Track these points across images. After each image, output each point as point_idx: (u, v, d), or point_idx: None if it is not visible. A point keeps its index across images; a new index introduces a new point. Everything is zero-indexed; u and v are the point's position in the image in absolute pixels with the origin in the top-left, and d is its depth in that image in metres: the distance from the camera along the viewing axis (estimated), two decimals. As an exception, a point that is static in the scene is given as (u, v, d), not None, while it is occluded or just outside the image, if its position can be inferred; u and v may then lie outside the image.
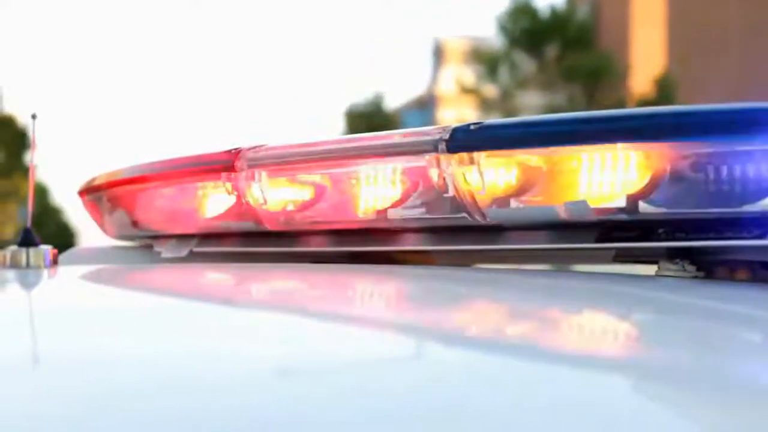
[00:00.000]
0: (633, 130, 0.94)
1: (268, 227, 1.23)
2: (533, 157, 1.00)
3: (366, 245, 1.20)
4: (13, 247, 1.10)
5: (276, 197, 1.20)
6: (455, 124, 1.04)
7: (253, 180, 1.20)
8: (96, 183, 1.50)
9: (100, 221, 1.55)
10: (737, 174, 0.91)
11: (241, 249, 1.34)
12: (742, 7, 26.03)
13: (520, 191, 1.01)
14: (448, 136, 1.02)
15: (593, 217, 0.98)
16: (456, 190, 1.03)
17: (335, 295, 0.97)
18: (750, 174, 0.90)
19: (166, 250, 1.41)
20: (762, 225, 0.92)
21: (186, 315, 0.83)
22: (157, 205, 1.38)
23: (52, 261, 1.12)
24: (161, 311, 0.86)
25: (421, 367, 0.62)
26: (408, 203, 1.09)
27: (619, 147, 0.95)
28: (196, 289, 1.06)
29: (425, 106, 43.92)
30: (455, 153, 1.01)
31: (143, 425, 0.48)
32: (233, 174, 1.21)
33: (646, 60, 27.67)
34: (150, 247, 1.49)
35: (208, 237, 1.38)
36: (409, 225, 1.13)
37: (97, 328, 0.74)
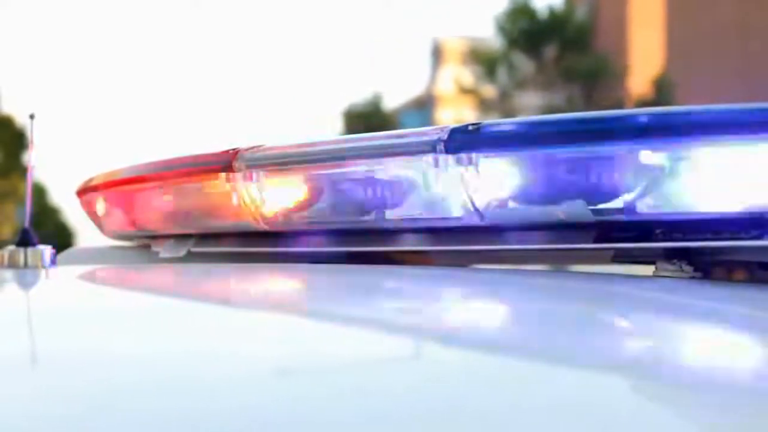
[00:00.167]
0: (632, 130, 0.94)
1: (265, 227, 1.23)
2: (531, 158, 1.00)
3: (364, 246, 1.20)
4: (11, 247, 1.10)
5: (274, 197, 1.20)
6: (453, 124, 1.04)
7: (251, 180, 1.19)
8: (94, 183, 1.50)
9: (97, 221, 1.55)
10: (735, 174, 0.91)
11: (239, 249, 1.34)
12: (740, 8, 26.04)
13: (518, 192, 1.01)
14: (446, 136, 1.02)
15: (591, 218, 0.98)
16: (453, 190, 1.03)
17: (333, 296, 0.97)
18: (747, 174, 0.90)
19: (163, 250, 1.41)
20: (760, 225, 0.93)
21: (183, 315, 0.83)
22: (155, 205, 1.38)
23: (50, 261, 1.11)
24: (159, 311, 0.86)
25: (420, 368, 0.62)
26: (406, 204, 1.09)
27: (618, 147, 0.95)
28: (193, 289, 1.06)
29: (424, 106, 43.91)
30: (453, 154, 1.01)
31: (141, 425, 0.48)
32: (231, 174, 1.21)
33: (644, 61, 27.69)
34: (148, 247, 1.49)
35: (205, 237, 1.38)
36: (407, 225, 1.13)
37: (95, 328, 0.74)
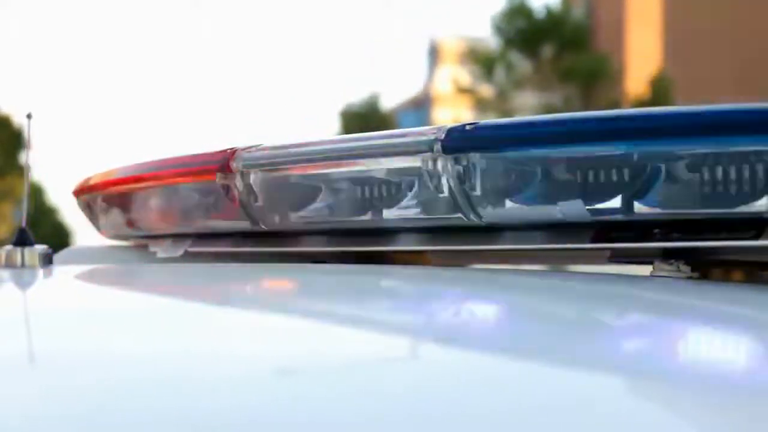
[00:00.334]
0: (629, 130, 0.94)
1: (262, 227, 1.23)
2: (528, 157, 1.00)
3: (361, 245, 1.20)
4: (8, 247, 1.10)
5: (271, 197, 1.20)
6: (451, 124, 1.04)
7: (248, 180, 1.19)
8: (91, 183, 1.50)
9: (94, 221, 1.55)
10: (732, 174, 0.91)
11: (236, 249, 1.34)
12: (736, 8, 26.07)
13: (515, 191, 1.01)
14: (443, 136, 1.02)
15: (588, 218, 0.98)
16: (451, 190, 1.03)
17: (330, 296, 0.97)
18: (745, 175, 0.90)
19: (161, 250, 1.41)
20: (757, 226, 0.93)
21: (181, 315, 0.83)
22: (152, 205, 1.38)
23: (46, 261, 1.11)
24: (156, 311, 0.86)
25: (417, 368, 0.62)
26: (403, 203, 1.09)
27: (615, 147, 0.95)
28: (191, 289, 1.06)
29: (421, 106, 43.92)
30: (450, 153, 1.01)
31: (139, 426, 0.48)
32: (228, 174, 1.21)
33: (641, 61, 27.71)
34: (145, 247, 1.49)
35: (203, 237, 1.38)
36: (405, 225, 1.13)
37: (92, 328, 0.74)
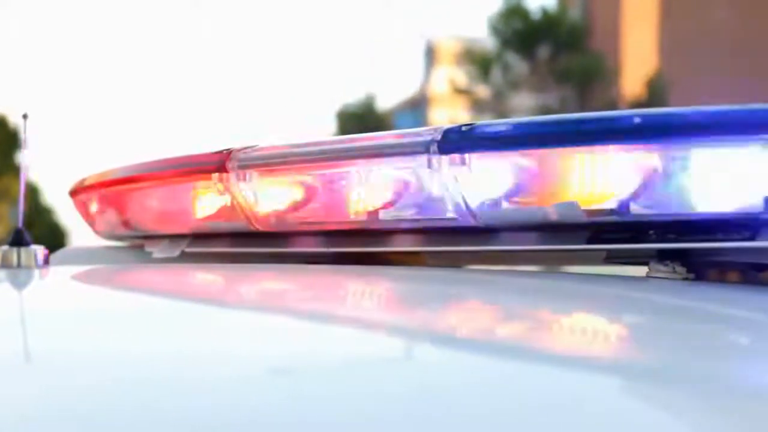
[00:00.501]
0: (625, 131, 0.94)
1: (259, 228, 1.23)
2: (524, 159, 1.00)
3: (357, 246, 1.21)
4: (5, 247, 1.10)
5: (267, 198, 1.20)
6: (447, 125, 1.04)
7: (244, 181, 1.20)
8: (87, 183, 1.50)
9: (91, 221, 1.55)
10: (727, 175, 0.91)
11: (233, 249, 1.34)
12: (734, 8, 26.09)
13: (511, 193, 1.01)
14: (440, 137, 1.02)
15: (584, 219, 0.98)
16: (447, 191, 1.03)
17: (326, 296, 0.97)
18: (740, 175, 0.91)
19: (157, 250, 1.41)
20: (752, 227, 0.93)
21: (177, 315, 0.83)
22: (149, 206, 1.38)
23: (43, 261, 1.11)
24: (153, 312, 0.86)
25: (414, 368, 0.62)
26: (399, 204, 1.09)
27: (611, 148, 0.95)
28: (187, 290, 1.06)
29: (418, 106, 43.90)
30: (447, 154, 1.01)
31: (136, 426, 0.48)
32: (224, 174, 1.21)
33: (637, 61, 27.71)
34: (141, 248, 1.49)
35: (199, 237, 1.38)
36: (401, 226, 1.13)
37: (88, 328, 0.74)
